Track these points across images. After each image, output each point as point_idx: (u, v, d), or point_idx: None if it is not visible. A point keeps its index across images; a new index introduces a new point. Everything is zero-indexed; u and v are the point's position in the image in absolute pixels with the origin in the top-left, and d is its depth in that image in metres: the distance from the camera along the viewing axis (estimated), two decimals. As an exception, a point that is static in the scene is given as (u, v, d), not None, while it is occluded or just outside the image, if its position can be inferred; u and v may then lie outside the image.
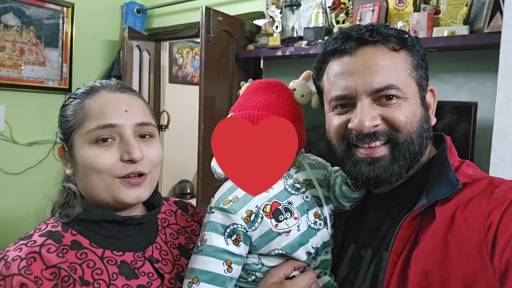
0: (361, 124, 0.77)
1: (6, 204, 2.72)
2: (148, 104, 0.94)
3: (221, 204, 0.83)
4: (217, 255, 0.81)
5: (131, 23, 3.19)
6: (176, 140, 4.04)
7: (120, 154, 0.82)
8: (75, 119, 0.84)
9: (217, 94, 2.38)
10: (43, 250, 0.77)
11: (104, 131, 0.81)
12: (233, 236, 0.82)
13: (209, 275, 0.80)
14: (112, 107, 0.83)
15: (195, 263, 0.82)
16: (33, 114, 2.81)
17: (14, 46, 2.71)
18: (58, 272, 0.76)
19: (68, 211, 0.84)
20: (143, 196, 0.85)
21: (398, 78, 0.78)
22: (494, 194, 0.71)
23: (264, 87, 0.93)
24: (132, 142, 0.82)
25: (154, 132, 0.89)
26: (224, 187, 0.88)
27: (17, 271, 0.72)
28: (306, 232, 0.84)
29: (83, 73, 3.06)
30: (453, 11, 1.77)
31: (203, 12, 2.27)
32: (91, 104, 0.84)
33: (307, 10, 2.36)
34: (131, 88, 0.92)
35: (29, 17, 2.76)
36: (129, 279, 0.82)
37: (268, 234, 0.82)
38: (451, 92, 1.93)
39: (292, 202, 0.85)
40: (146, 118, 0.87)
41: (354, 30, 0.82)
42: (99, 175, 0.81)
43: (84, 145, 0.82)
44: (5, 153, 2.73)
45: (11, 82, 2.70)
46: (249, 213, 0.82)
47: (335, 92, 0.82)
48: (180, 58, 4.55)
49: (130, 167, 0.82)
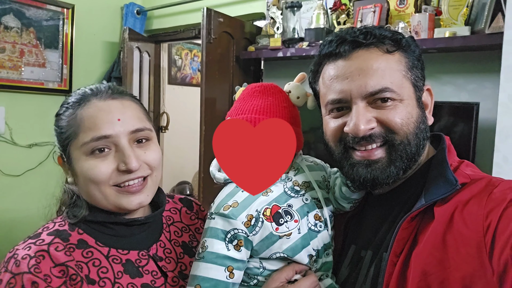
0: (356, 128, 0.78)
1: (6, 206, 2.72)
2: (143, 106, 0.93)
3: (221, 210, 0.83)
4: (219, 262, 0.81)
5: (131, 25, 3.19)
6: (175, 141, 4.04)
7: (116, 164, 0.82)
8: (70, 130, 0.84)
9: (218, 95, 2.38)
10: (51, 248, 0.78)
11: (99, 142, 0.82)
12: (234, 242, 0.81)
13: (211, 282, 0.80)
14: (105, 117, 0.83)
15: (196, 270, 0.82)
16: (33, 116, 2.81)
17: (14, 47, 2.71)
18: (66, 270, 0.77)
19: (75, 211, 0.86)
20: (145, 201, 0.86)
21: (392, 80, 0.78)
22: (493, 194, 0.71)
23: (260, 90, 0.94)
24: (128, 152, 0.82)
25: (151, 135, 0.89)
26: (224, 192, 0.88)
27: (27, 269, 0.74)
28: (307, 235, 0.84)
29: (83, 75, 3.06)
30: (454, 12, 1.78)
31: (204, 13, 2.28)
32: (83, 115, 0.83)
33: (308, 11, 2.37)
34: (123, 92, 0.91)
35: (29, 18, 2.76)
36: (134, 277, 0.83)
37: (269, 238, 0.82)
38: (452, 93, 1.94)
39: (292, 205, 0.85)
40: (141, 123, 0.87)
41: (348, 33, 0.82)
42: (97, 186, 0.82)
43: (81, 157, 0.83)
44: (5, 155, 2.73)
45: (11, 84, 2.70)
46: (250, 218, 0.82)
47: (330, 96, 0.83)
48: (179, 59, 4.55)
49: (128, 176, 0.83)
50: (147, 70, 3.42)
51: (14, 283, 0.73)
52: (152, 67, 3.46)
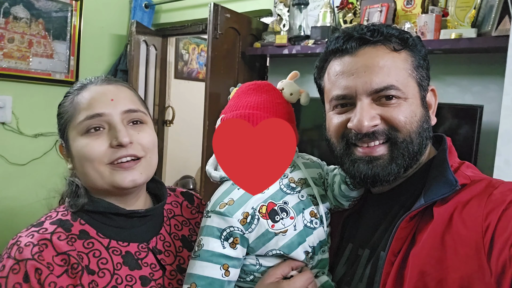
0: (360, 124, 0.78)
1: (10, 194, 2.74)
2: (137, 93, 0.96)
3: (217, 208, 0.84)
4: (214, 260, 0.81)
5: (139, 18, 3.20)
6: (179, 135, 4.05)
7: (109, 141, 0.84)
8: (67, 114, 0.87)
9: (222, 90, 2.39)
10: (54, 237, 0.79)
11: (93, 121, 0.84)
12: (229, 239, 0.82)
13: (207, 280, 0.80)
14: (99, 98, 0.86)
15: (192, 268, 0.82)
16: (40, 106, 2.83)
17: (23, 38, 2.73)
18: (68, 259, 0.78)
19: (76, 200, 0.87)
20: (138, 179, 0.86)
21: (398, 79, 0.78)
22: (492, 196, 0.71)
23: (254, 88, 0.95)
24: (120, 127, 0.85)
25: (145, 118, 0.91)
26: (220, 190, 0.89)
27: (30, 256, 0.75)
28: (303, 231, 0.84)
29: (90, 67, 3.07)
30: (461, 13, 1.77)
31: (211, 8, 2.28)
32: (79, 98, 0.87)
33: (315, 9, 2.36)
34: (120, 81, 0.95)
35: (38, 9, 2.78)
36: (133, 269, 0.84)
37: (265, 235, 0.82)
38: (456, 95, 1.93)
39: (287, 201, 0.86)
40: (134, 105, 0.89)
41: (355, 30, 0.82)
42: (91, 164, 0.84)
43: (77, 137, 0.85)
44: (11, 144, 2.75)
45: (19, 74, 2.72)
46: (245, 215, 0.83)
47: (335, 92, 0.83)
48: (186, 54, 4.56)
49: (120, 152, 0.84)
50: (154, 63, 3.43)
51: (18, 269, 0.74)
52: (158, 60, 3.47)
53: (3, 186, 2.73)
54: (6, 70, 2.66)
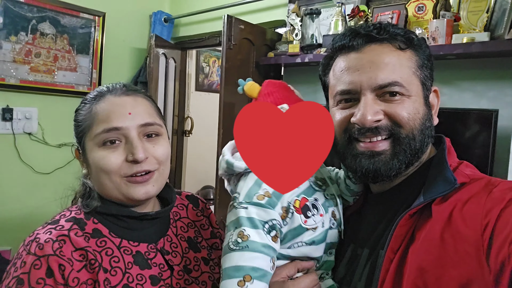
0: (364, 118, 0.79)
1: (36, 202, 2.84)
2: (155, 104, 0.97)
3: (255, 199, 0.80)
4: (265, 251, 0.76)
5: (159, 32, 3.30)
6: (200, 146, 4.11)
7: (125, 155, 0.85)
8: (85, 123, 0.89)
9: (236, 100, 2.42)
10: (71, 233, 0.82)
11: (110, 134, 0.85)
12: (272, 232, 0.79)
13: (260, 272, 0.74)
14: (117, 111, 0.87)
15: (240, 259, 0.75)
16: (64, 117, 2.93)
17: (49, 53, 2.87)
18: (86, 254, 0.80)
19: (89, 202, 0.89)
20: (151, 191, 0.88)
21: (402, 76, 0.79)
22: (492, 194, 0.71)
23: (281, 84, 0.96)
24: (136, 143, 0.85)
25: (160, 130, 0.92)
26: (249, 180, 0.84)
27: (52, 251, 0.77)
28: (328, 230, 0.85)
29: (111, 79, 3.17)
30: (474, 18, 1.75)
31: (225, 20, 2.33)
32: (97, 109, 0.88)
33: (327, 19, 2.38)
34: (137, 90, 0.95)
35: (63, 26, 2.92)
36: (143, 268, 0.85)
37: (297, 230, 0.82)
38: (471, 100, 1.89)
39: (318, 198, 0.85)
40: (150, 118, 0.90)
41: (362, 28, 0.84)
42: (107, 176, 0.85)
43: (94, 148, 0.87)
44: (37, 154, 2.86)
45: (44, 87, 2.85)
46: (284, 210, 0.81)
47: (340, 87, 0.84)
48: (207, 66, 4.66)
49: (135, 167, 0.85)
50: (173, 76, 3.52)
51: (40, 264, 0.75)
52: (178, 73, 3.56)
53: (29, 194, 2.84)
54: (33, 83, 2.80)
